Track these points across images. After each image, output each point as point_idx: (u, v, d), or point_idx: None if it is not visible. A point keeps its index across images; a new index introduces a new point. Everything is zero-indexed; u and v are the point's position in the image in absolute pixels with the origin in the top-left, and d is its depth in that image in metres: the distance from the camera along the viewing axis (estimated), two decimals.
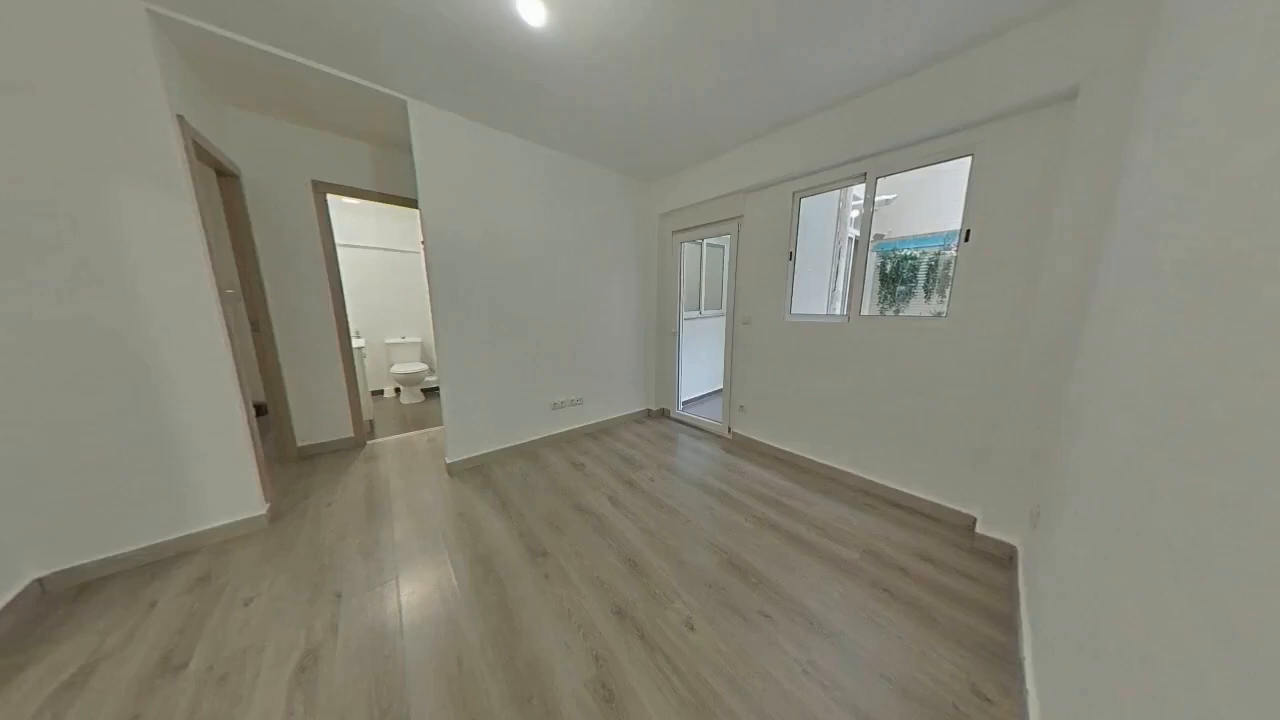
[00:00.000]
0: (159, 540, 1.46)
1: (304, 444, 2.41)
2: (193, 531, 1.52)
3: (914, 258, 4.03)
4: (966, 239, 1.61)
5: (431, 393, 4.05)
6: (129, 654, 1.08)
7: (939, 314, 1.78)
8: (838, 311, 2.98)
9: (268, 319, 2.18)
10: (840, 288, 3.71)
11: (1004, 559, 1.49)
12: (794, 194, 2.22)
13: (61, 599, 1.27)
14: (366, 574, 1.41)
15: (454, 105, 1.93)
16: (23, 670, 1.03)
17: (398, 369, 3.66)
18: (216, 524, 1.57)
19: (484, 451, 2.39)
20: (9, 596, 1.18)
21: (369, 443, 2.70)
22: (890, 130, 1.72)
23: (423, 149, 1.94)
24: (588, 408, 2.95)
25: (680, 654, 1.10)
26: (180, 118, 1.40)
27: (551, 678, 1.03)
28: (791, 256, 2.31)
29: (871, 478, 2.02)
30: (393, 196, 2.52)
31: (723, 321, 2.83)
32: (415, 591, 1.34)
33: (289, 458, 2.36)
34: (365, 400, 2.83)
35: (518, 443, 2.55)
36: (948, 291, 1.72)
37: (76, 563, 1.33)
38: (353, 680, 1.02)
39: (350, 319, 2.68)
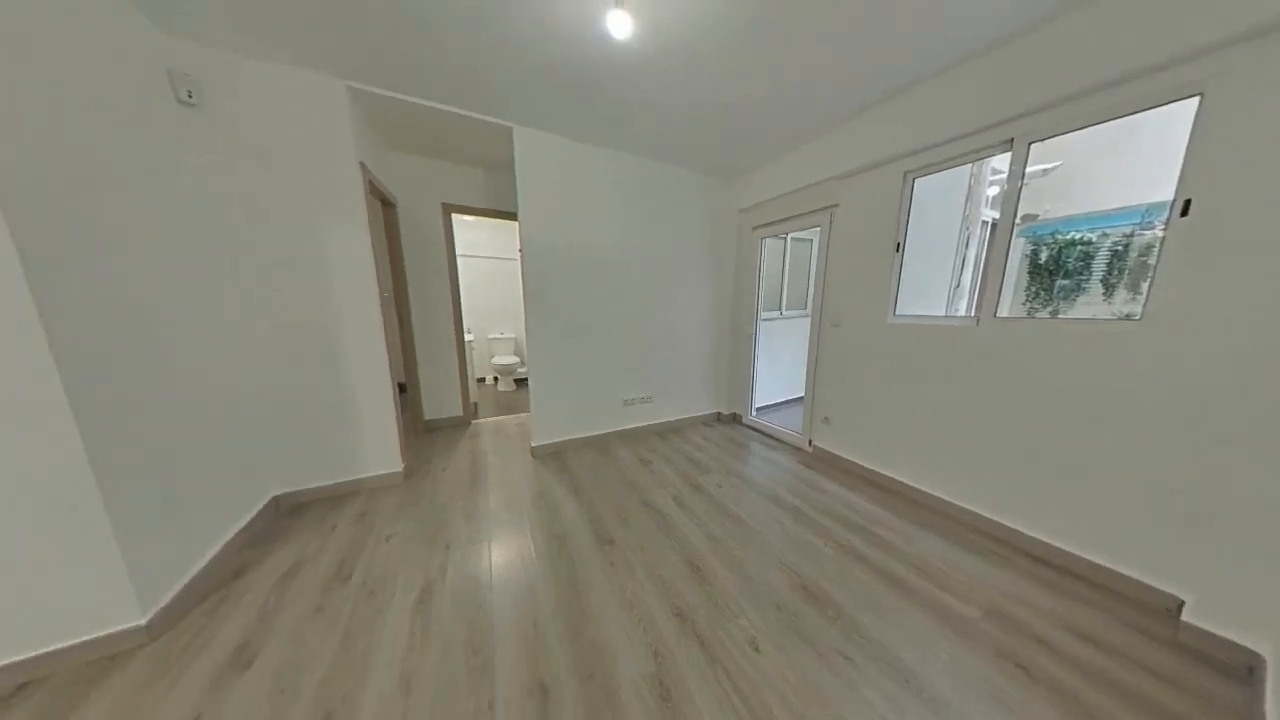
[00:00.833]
0: (339, 480, 1.96)
1: (429, 418, 2.96)
2: (358, 477, 2.00)
3: (1087, 242, 3.07)
4: (1184, 212, 1.17)
5: (522, 382, 4.58)
6: (318, 562, 1.48)
7: (1127, 315, 1.34)
8: (962, 312, 2.46)
9: (408, 316, 2.74)
10: (967, 283, 3.04)
11: (1235, 667, 1.05)
12: (905, 174, 1.90)
13: (284, 514, 1.80)
14: (468, 533, 1.67)
15: (549, 126, 2.14)
16: (263, 561, 1.48)
17: (497, 360, 4.23)
18: (371, 474, 2.03)
19: (562, 439, 2.60)
20: (260, 505, 1.71)
21: (473, 422, 3.18)
22: (1055, 79, 1.34)
23: (523, 168, 2.20)
24: (657, 406, 2.98)
25: (743, 673, 1.04)
26: (362, 164, 1.85)
27: (612, 662, 1.07)
28: (899, 248, 1.98)
29: (1001, 520, 1.62)
30: (499, 212, 2.92)
31: (806, 323, 2.58)
32: (503, 555, 1.53)
33: (418, 429, 2.92)
34: (472, 386, 3.35)
35: (591, 434, 2.72)
36: (1145, 286, 1.27)
37: (294, 489, 1.86)
38: (455, 619, 1.22)
39: (463, 317, 3.19)
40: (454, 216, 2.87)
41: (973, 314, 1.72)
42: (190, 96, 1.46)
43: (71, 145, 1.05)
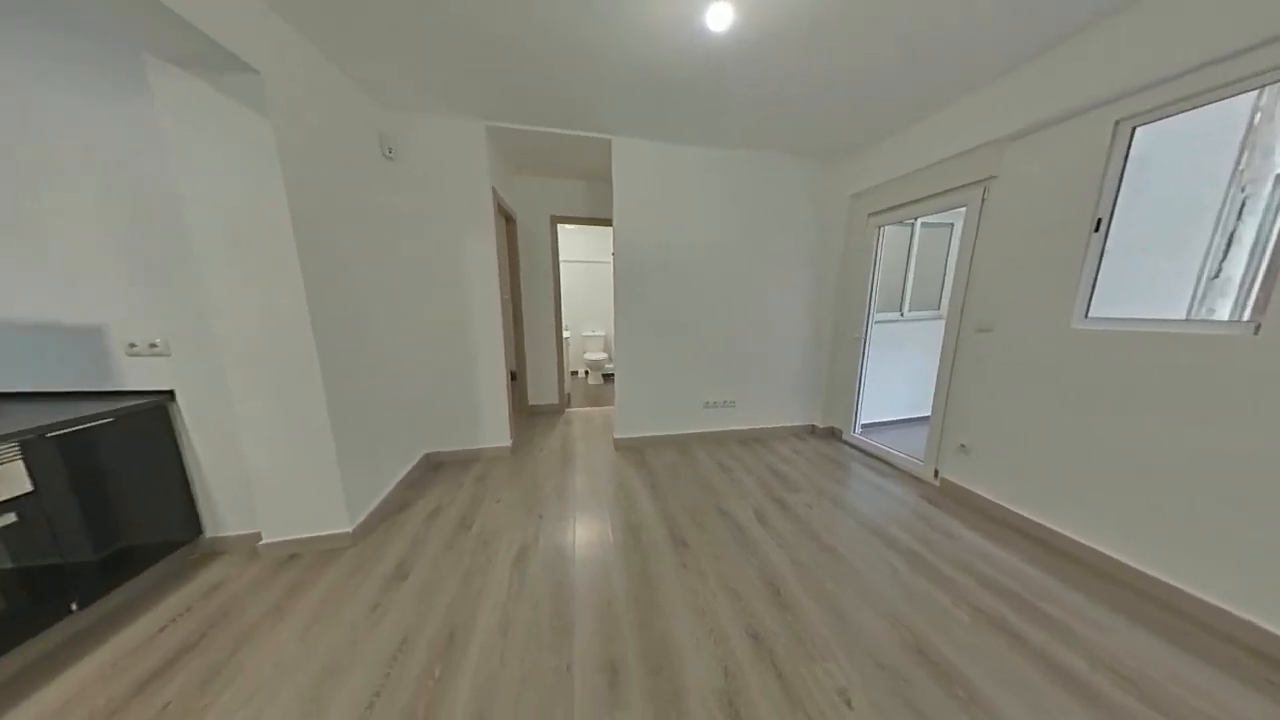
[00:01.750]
0: (466, 447, 2.41)
1: (532, 404, 3.41)
2: (479, 447, 2.44)
3: None
4: None
5: (609, 378, 4.89)
6: (450, 511, 1.85)
7: None
8: (1223, 315, 1.70)
9: (520, 314, 3.19)
10: (1235, 273, 2.03)
11: None
12: (1117, 124, 1.37)
13: (430, 468, 2.30)
14: (558, 508, 1.87)
15: (643, 132, 2.22)
16: (416, 502, 1.93)
17: (588, 356, 4.62)
18: (488, 445, 2.45)
19: (643, 435, 2.69)
20: (416, 459, 2.23)
21: (566, 410, 3.54)
22: None
23: (619, 176, 2.34)
24: (740, 412, 2.83)
25: None
26: (493, 188, 2.23)
27: (680, 663, 1.07)
28: (1099, 226, 1.45)
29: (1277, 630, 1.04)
30: (596, 219, 3.17)
31: (937, 326, 2.10)
32: (585, 534, 1.66)
33: (523, 411, 3.39)
34: (566, 378, 3.72)
35: (671, 433, 2.74)
36: None
37: (438, 450, 2.37)
38: (543, 582, 1.38)
39: (562, 315, 3.57)
40: (559, 226, 3.23)
41: (1246, 317, 1.15)
42: (390, 152, 1.98)
43: (326, 192, 1.54)
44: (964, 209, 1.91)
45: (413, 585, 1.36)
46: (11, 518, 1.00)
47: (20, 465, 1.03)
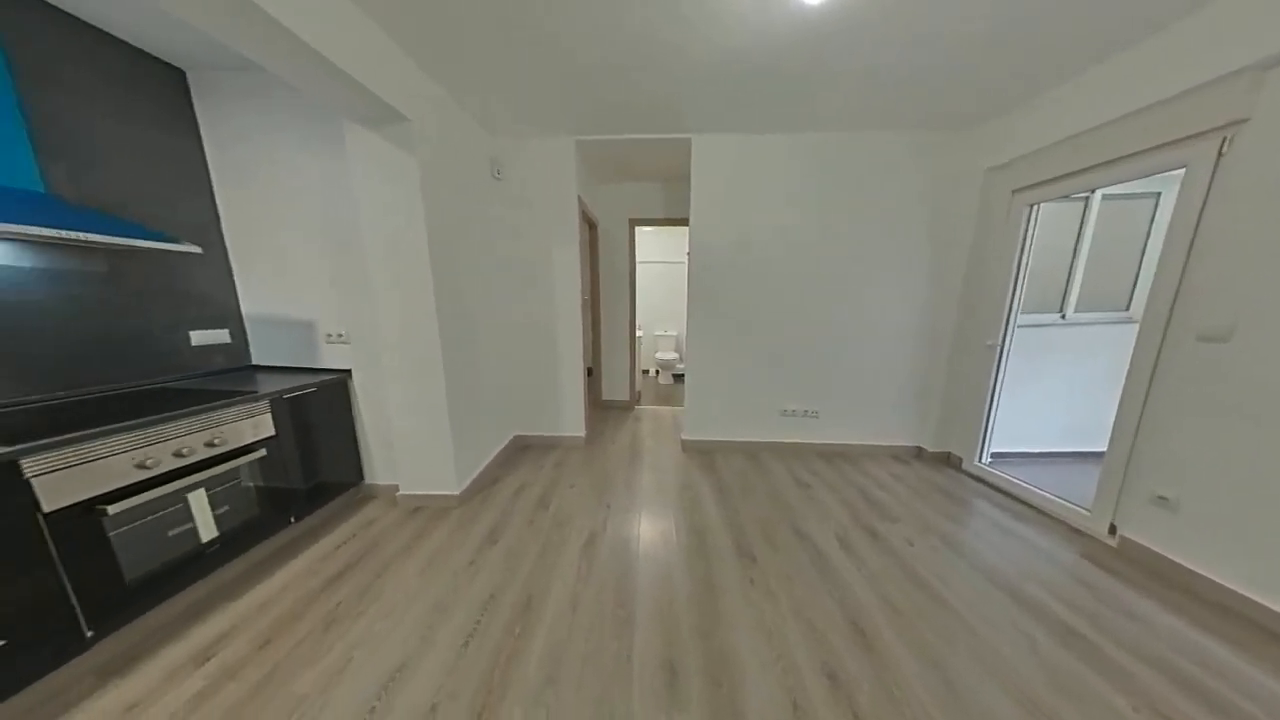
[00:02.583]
0: (548, 434, 2.67)
1: (605, 399, 3.60)
2: (558, 434, 2.67)
3: None
4: None
5: (679, 378, 4.88)
6: (533, 490, 2.07)
7: None
8: None
9: (598, 314, 3.40)
10: None
11: None
12: None
13: (518, 450, 2.60)
14: (625, 501, 1.94)
15: (724, 126, 2.14)
16: (506, 478, 2.20)
17: (659, 355, 4.67)
18: (566, 434, 2.67)
19: (712, 438, 2.62)
20: (507, 440, 2.55)
21: (637, 407, 3.64)
22: None
23: (698, 174, 2.30)
24: (825, 425, 2.54)
25: None
26: (579, 197, 2.41)
27: (742, 681, 1.01)
28: None
29: None
30: (672, 219, 3.19)
31: (1122, 332, 1.58)
32: (649, 531, 1.69)
33: (597, 405, 3.60)
34: (638, 376, 3.83)
35: (742, 439, 2.61)
36: None
37: (525, 433, 2.67)
38: (609, 570, 1.45)
39: (636, 315, 3.68)
40: (636, 229, 3.33)
41: None
42: (498, 174, 2.30)
43: (450, 211, 1.85)
44: (1181, 171, 1.39)
45: (500, 550, 1.56)
46: (262, 452, 1.46)
47: (269, 417, 1.48)
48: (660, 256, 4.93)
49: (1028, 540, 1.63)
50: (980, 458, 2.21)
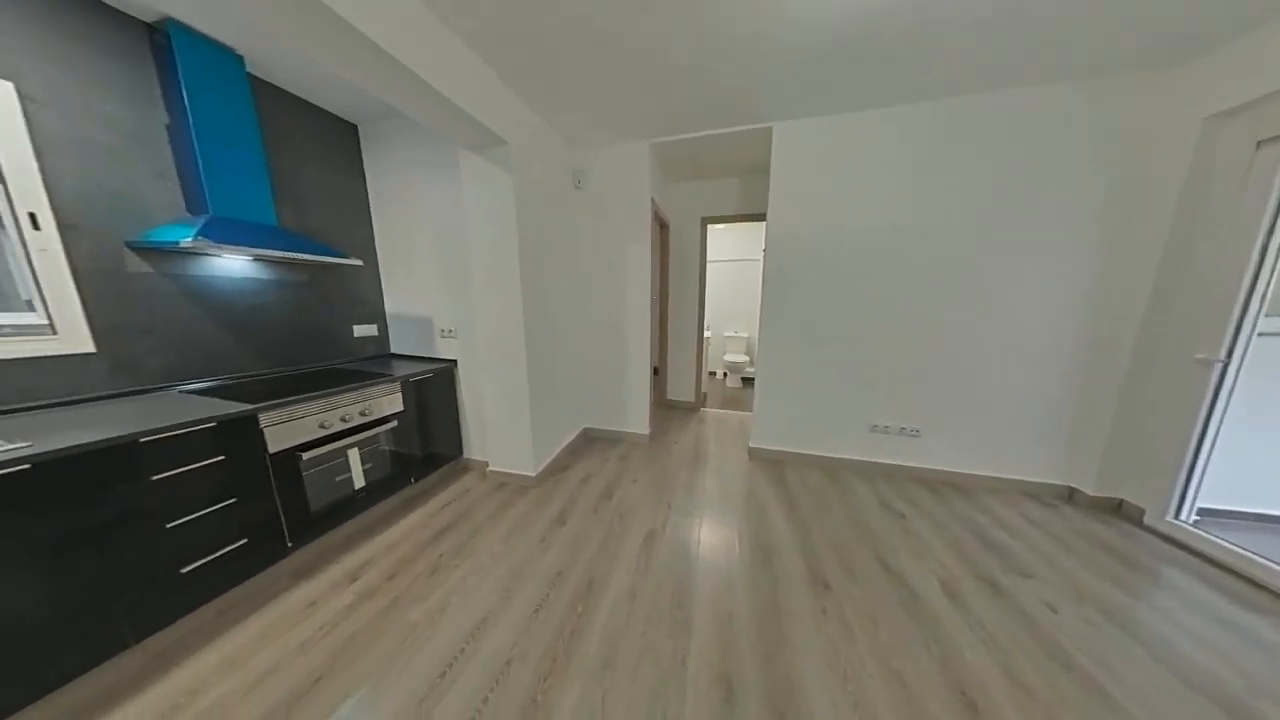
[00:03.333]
0: (614, 428, 2.79)
1: (670, 398, 3.61)
2: (623, 430, 2.77)
3: None
4: None
5: (748, 382, 4.63)
6: (598, 480, 2.18)
7: None
8: None
9: (666, 313, 3.42)
10: None
11: None
12: None
13: (587, 441, 2.77)
14: (686, 503, 1.93)
15: (809, 109, 1.95)
16: (574, 466, 2.36)
17: (728, 357, 4.50)
18: (630, 430, 2.75)
19: (782, 449, 2.43)
20: (577, 432, 2.73)
21: (701, 409, 3.57)
22: None
23: (778, 165, 2.15)
24: (929, 445, 2.15)
25: None
26: (652, 199, 2.45)
27: (808, 717, 0.92)
28: None
29: None
30: (747, 215, 3.04)
31: None
32: (710, 537, 1.65)
33: (662, 404, 3.63)
34: (704, 377, 3.75)
35: (818, 453, 2.36)
36: None
37: (593, 426, 2.83)
38: (667, 569, 1.45)
39: (705, 315, 3.61)
40: (709, 226, 3.26)
41: None
42: (579, 183, 2.48)
43: (538, 220, 2.06)
44: None
45: (568, 532, 1.69)
46: (395, 423, 1.82)
47: (400, 395, 1.84)
48: (732, 254, 4.75)
49: (1257, 639, 1.15)
50: (1177, 512, 1.63)
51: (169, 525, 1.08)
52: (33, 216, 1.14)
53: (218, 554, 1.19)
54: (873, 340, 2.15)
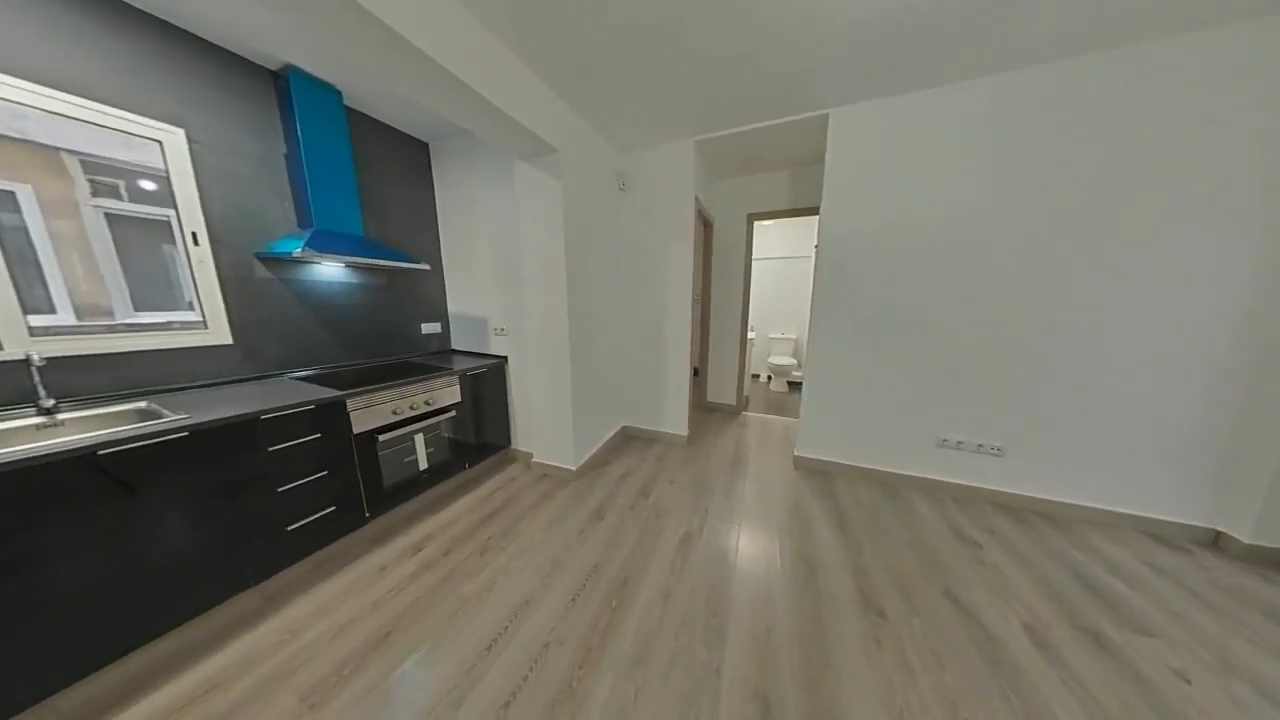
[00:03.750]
0: (651, 428, 2.80)
1: (709, 400, 3.54)
2: (661, 430, 2.77)
3: None
4: None
5: (795, 386, 4.38)
6: (635, 478, 2.21)
7: None
8: None
9: (708, 313, 3.35)
10: None
11: None
12: None
13: (625, 439, 2.81)
14: (724, 508, 1.88)
15: (871, 91, 1.79)
16: (613, 463, 2.41)
17: (773, 360, 4.29)
18: (668, 431, 2.74)
19: (832, 459, 2.27)
20: (615, 430, 2.78)
21: (743, 413, 3.45)
22: None
23: (834, 153, 2.00)
24: (1014, 467, 1.88)
25: None
26: (696, 197, 2.42)
27: None
28: None
29: None
30: (798, 210, 2.87)
31: None
32: (749, 547, 1.59)
33: (701, 406, 3.57)
34: (746, 380, 3.62)
35: (873, 467, 2.17)
36: None
37: (631, 425, 2.87)
38: (703, 575, 1.43)
39: (749, 315, 3.47)
40: (755, 223, 3.13)
41: None
42: (623, 186, 2.52)
43: (583, 222, 2.13)
44: None
45: (605, 526, 1.73)
46: (454, 412, 2.00)
47: (458, 387, 2.02)
48: (780, 251, 4.52)
49: None
50: None
51: (279, 489, 1.30)
52: (194, 235, 1.43)
53: (314, 517, 1.40)
54: (945, 343, 1.92)
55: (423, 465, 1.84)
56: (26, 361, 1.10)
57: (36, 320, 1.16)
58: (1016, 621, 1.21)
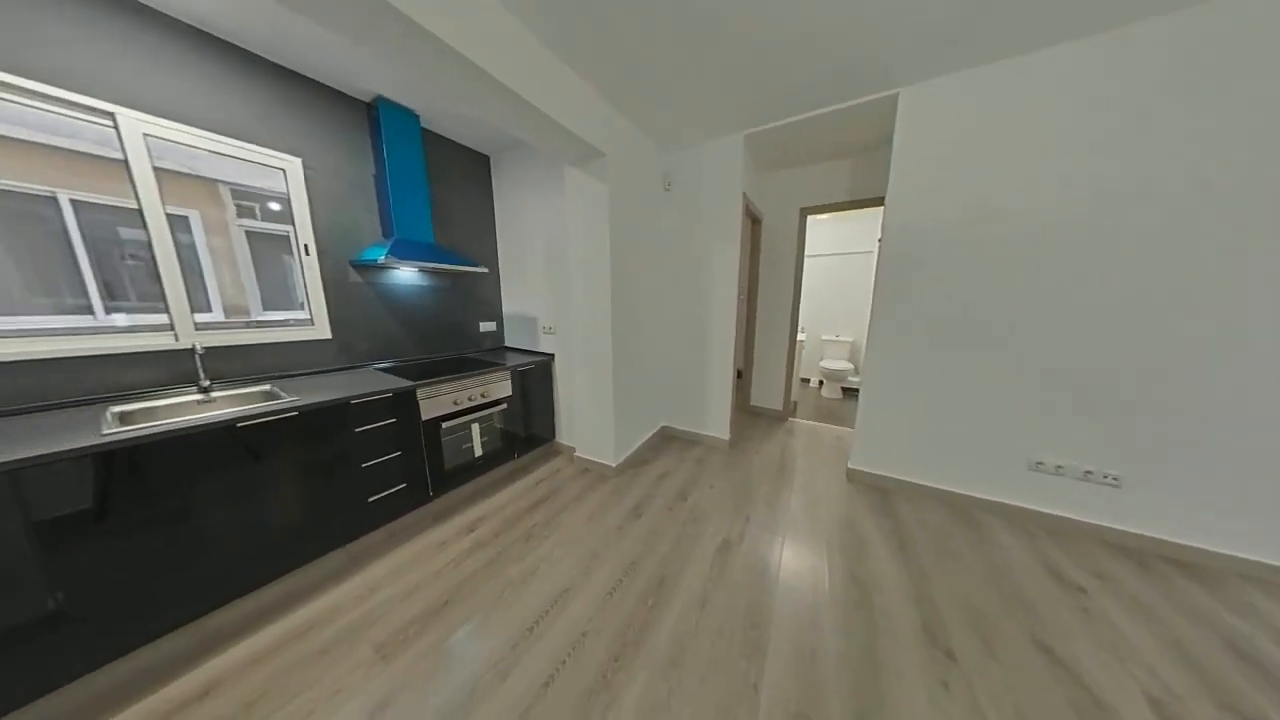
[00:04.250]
0: (692, 430, 2.76)
1: (753, 404, 3.40)
2: (701, 433, 2.72)
3: None
4: None
5: (850, 393, 4.05)
6: (674, 479, 2.19)
7: None
8: None
9: (754, 314, 3.21)
10: None
11: None
12: None
13: (664, 439, 2.80)
14: (767, 518, 1.79)
15: (954, 61, 1.58)
16: (652, 462, 2.42)
17: (825, 364, 4.00)
18: (709, 434, 2.69)
19: (892, 475, 2.05)
20: (655, 429, 2.79)
21: (790, 419, 3.26)
22: None
23: (904, 137, 1.81)
24: (1136, 501, 1.55)
25: None
26: (744, 194, 2.34)
27: None
28: None
29: None
30: (859, 201, 2.64)
31: None
32: (794, 560, 1.50)
33: (744, 410, 3.44)
34: (795, 384, 3.41)
35: (943, 487, 1.93)
36: None
37: (671, 425, 2.85)
38: (742, 585, 1.37)
39: (799, 316, 3.27)
40: (808, 218, 2.94)
41: None
42: (668, 186, 2.51)
43: (629, 226, 2.16)
44: None
45: (643, 525, 1.74)
46: (505, 405, 2.14)
47: (509, 381, 2.16)
48: (834, 247, 4.19)
49: None
50: None
51: (363, 465, 1.49)
52: (306, 246, 1.70)
53: (389, 491, 1.59)
54: (1042, 347, 1.65)
55: (478, 452, 2.00)
56: (192, 350, 1.38)
57: (199, 318, 1.46)
58: (1135, 689, 1.00)
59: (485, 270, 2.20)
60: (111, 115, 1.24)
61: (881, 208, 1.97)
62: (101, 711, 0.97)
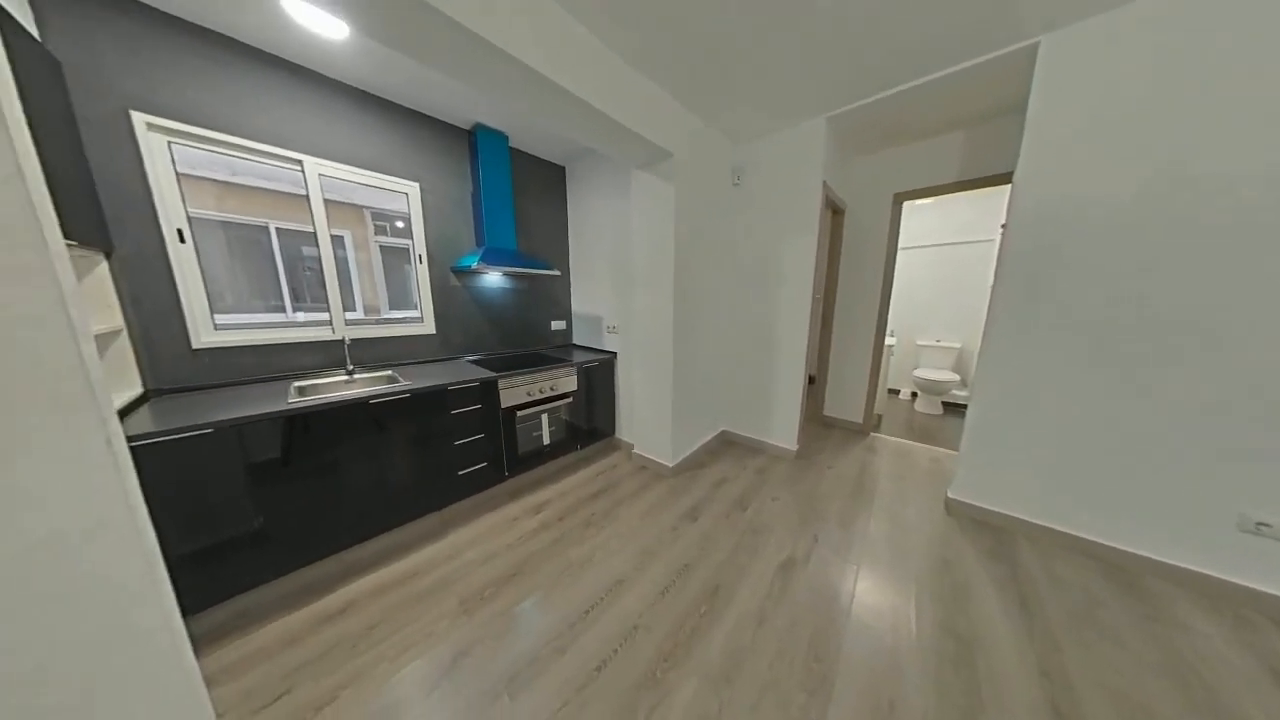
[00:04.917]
0: (754, 436, 2.62)
1: (827, 414, 3.08)
2: (765, 440, 2.56)
3: None
4: None
5: (953, 409, 3.42)
6: (733, 486, 2.10)
7: None
8: None
9: (831, 316, 2.91)
10: None
11: None
12: None
13: (724, 443, 2.70)
14: (839, 540, 1.61)
15: None
16: (711, 466, 2.35)
17: (921, 373, 3.44)
18: (773, 442, 2.52)
19: (1011, 512, 1.68)
20: (715, 432, 2.70)
21: (872, 434, 2.88)
22: None
23: (1044, 95, 1.46)
24: None
25: None
26: (825, 182, 2.13)
27: None
28: None
29: None
30: (974, 181, 2.20)
31: None
32: (870, 595, 1.33)
33: (815, 420, 3.14)
34: (881, 395, 3.00)
35: (1089, 538, 1.51)
36: None
37: (731, 430, 2.74)
38: (807, 610, 1.26)
39: (888, 317, 2.87)
40: (904, 205, 2.56)
41: None
42: (738, 181, 2.41)
43: (694, 224, 2.13)
44: None
45: (698, 529, 1.71)
46: (570, 399, 2.29)
47: (575, 377, 2.30)
48: (936, 237, 3.58)
49: None
50: None
51: (455, 443, 1.73)
52: (420, 256, 2.03)
53: (474, 467, 1.82)
54: (1265, 364, 1.18)
55: (546, 440, 2.17)
56: (342, 341, 1.76)
57: (348, 315, 1.85)
58: None
59: (558, 273, 2.38)
60: (299, 161, 1.63)
61: (1006, 186, 1.61)
62: (281, 609, 1.29)
